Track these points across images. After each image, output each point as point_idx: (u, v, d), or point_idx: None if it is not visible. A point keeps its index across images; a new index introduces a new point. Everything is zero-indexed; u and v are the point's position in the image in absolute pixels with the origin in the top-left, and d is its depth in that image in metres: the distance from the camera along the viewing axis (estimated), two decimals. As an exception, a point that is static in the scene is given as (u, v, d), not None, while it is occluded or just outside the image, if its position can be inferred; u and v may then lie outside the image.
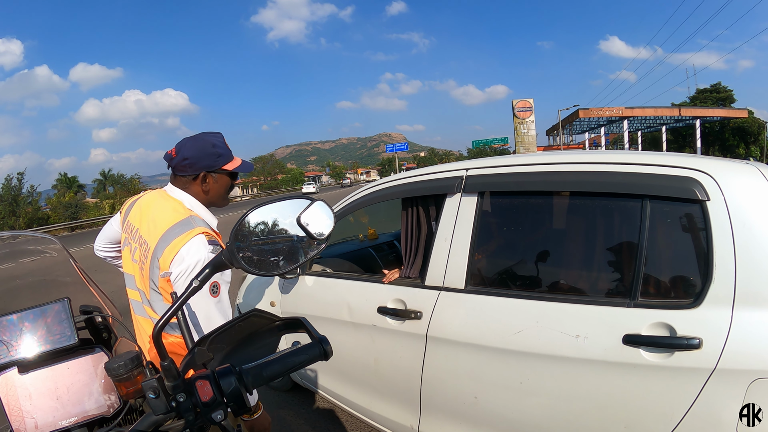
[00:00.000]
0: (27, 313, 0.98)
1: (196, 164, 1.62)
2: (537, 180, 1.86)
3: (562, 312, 1.68)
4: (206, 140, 1.66)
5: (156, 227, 1.53)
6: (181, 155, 1.62)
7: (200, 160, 1.62)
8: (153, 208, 1.62)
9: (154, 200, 1.67)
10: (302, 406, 3.37)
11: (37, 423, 0.94)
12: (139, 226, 1.61)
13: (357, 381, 2.52)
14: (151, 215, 1.59)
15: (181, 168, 1.63)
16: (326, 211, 0.88)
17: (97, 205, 42.48)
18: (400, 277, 2.30)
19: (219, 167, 1.66)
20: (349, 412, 2.71)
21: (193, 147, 1.63)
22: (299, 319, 0.97)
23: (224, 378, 0.81)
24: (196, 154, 1.62)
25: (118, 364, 0.82)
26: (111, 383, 0.99)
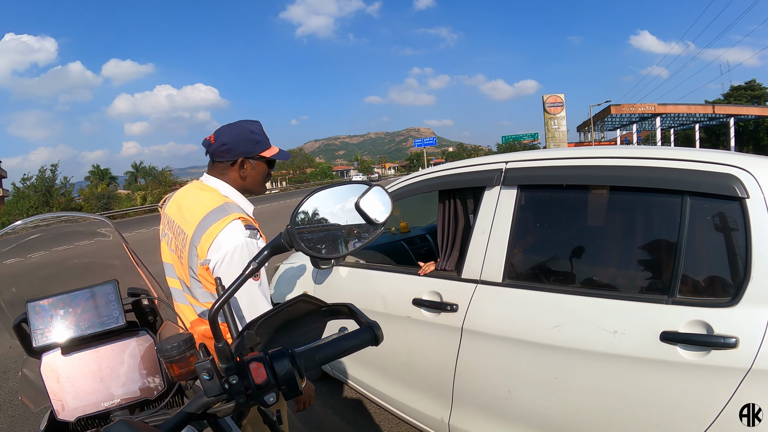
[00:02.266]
0: (75, 294, 0.98)
1: (234, 150, 1.64)
2: (577, 174, 1.85)
3: (600, 307, 1.67)
4: (245, 127, 1.68)
5: (192, 216, 1.55)
6: (220, 141, 1.64)
7: (238, 146, 1.64)
8: (189, 198, 1.66)
9: (190, 191, 1.70)
10: (330, 396, 3.40)
11: (79, 404, 0.95)
12: (175, 217, 1.64)
13: (388, 372, 2.53)
14: (187, 205, 1.62)
15: (219, 154, 1.65)
16: (384, 196, 0.88)
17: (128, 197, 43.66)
18: (436, 269, 2.30)
19: (256, 154, 1.68)
20: (377, 404, 2.73)
21: (231, 133, 1.65)
22: (347, 305, 0.97)
23: (278, 361, 0.81)
24: (235, 140, 1.64)
25: (171, 345, 0.83)
26: (155, 366, 1.00)
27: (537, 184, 1.96)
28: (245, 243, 1.47)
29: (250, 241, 1.48)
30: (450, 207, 2.31)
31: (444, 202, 2.35)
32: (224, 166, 1.67)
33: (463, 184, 2.24)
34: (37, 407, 1.06)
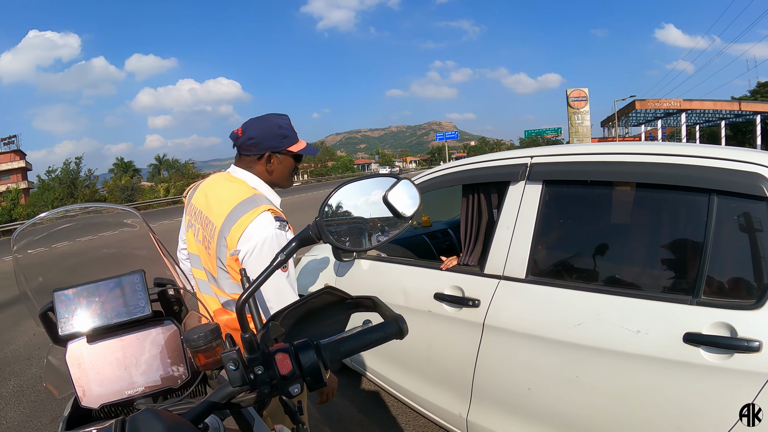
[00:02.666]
0: (102, 284, 0.98)
1: (262, 144, 1.65)
2: (603, 170, 1.82)
3: (624, 306, 1.65)
4: (272, 121, 1.68)
5: (221, 207, 1.57)
6: (247, 135, 1.65)
7: (265, 140, 1.65)
8: (217, 189, 1.66)
9: (218, 182, 1.71)
10: (349, 388, 3.43)
11: (103, 392, 0.96)
12: (202, 208, 1.65)
13: (408, 366, 2.53)
14: (216, 196, 1.63)
15: (246, 147, 1.66)
16: (412, 190, 0.87)
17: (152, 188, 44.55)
18: (458, 264, 2.29)
19: (284, 148, 1.68)
20: (395, 397, 2.74)
21: (259, 127, 1.66)
22: (371, 298, 0.97)
23: (303, 352, 0.80)
24: (262, 134, 1.65)
25: (197, 335, 0.83)
26: (180, 355, 1.00)
27: (562, 179, 1.93)
28: (275, 234, 1.48)
29: (279, 232, 1.49)
30: (474, 201, 2.29)
31: (468, 197, 2.33)
32: (251, 159, 1.68)
33: (488, 179, 2.22)
34: (61, 394, 1.07)
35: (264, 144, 1.65)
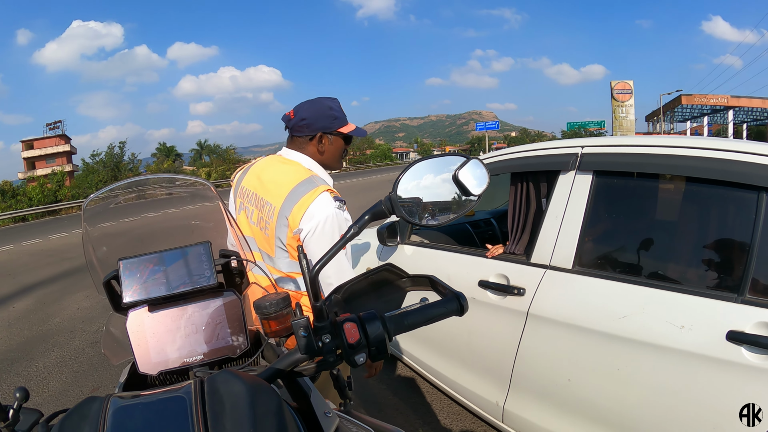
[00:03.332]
0: (168, 253, 1.01)
1: (313, 125, 1.70)
2: (654, 162, 1.79)
3: (669, 301, 1.63)
4: (323, 103, 1.74)
5: (279, 188, 1.62)
6: (299, 116, 1.71)
7: (317, 120, 1.70)
8: (272, 171, 1.72)
9: (271, 164, 1.76)
10: (385, 372, 3.48)
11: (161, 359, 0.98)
12: (256, 190, 1.71)
13: (447, 352, 2.56)
14: (272, 177, 1.69)
15: (298, 128, 1.72)
16: (481, 169, 0.88)
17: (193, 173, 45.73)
18: (504, 252, 2.29)
19: (334, 129, 1.74)
20: (430, 382, 2.76)
21: (310, 108, 1.72)
22: (428, 277, 0.99)
23: (370, 323, 0.83)
24: (314, 115, 1.71)
25: (269, 302, 0.87)
26: (240, 326, 1.02)
27: (613, 170, 1.91)
28: (335, 213, 1.54)
29: (338, 212, 1.55)
30: (522, 190, 2.29)
31: (516, 185, 2.33)
32: (303, 140, 1.74)
33: (537, 167, 2.21)
34: (118, 361, 1.11)
35: (316, 125, 1.71)
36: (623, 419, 1.72)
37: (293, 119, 1.72)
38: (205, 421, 0.59)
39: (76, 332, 5.34)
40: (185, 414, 0.61)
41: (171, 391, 0.67)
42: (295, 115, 1.72)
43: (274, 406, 0.65)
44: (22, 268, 10.50)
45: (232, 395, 0.63)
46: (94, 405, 0.63)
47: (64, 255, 11.67)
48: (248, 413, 0.60)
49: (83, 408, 0.63)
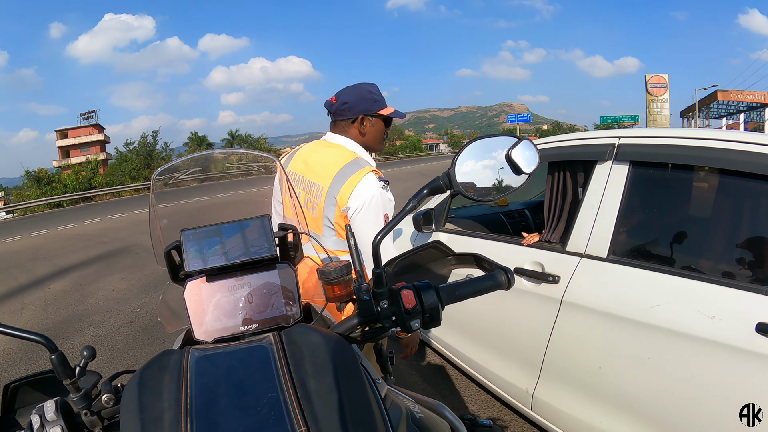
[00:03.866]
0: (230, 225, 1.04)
1: (355, 108, 1.80)
2: (690, 154, 1.80)
3: (701, 291, 1.65)
4: (363, 87, 1.83)
5: (325, 170, 1.71)
6: (341, 100, 1.81)
7: (358, 103, 1.80)
8: (318, 155, 1.81)
9: (316, 149, 1.85)
10: (414, 357, 3.53)
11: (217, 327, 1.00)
12: (303, 173, 1.80)
13: (478, 338, 2.60)
14: (318, 160, 1.78)
15: (340, 112, 1.81)
16: (532, 149, 0.93)
17: (224, 161, 46.62)
18: (540, 240, 2.32)
19: (375, 111, 1.82)
20: (460, 368, 2.81)
21: (351, 93, 1.81)
22: (474, 255, 1.03)
23: (425, 291, 0.88)
24: (355, 99, 1.80)
25: (333, 269, 0.93)
26: (294, 296, 1.05)
27: (649, 161, 1.93)
28: (380, 193, 1.64)
29: (383, 191, 1.65)
30: (559, 179, 2.32)
31: (553, 174, 2.36)
32: (345, 123, 1.83)
33: (574, 157, 2.24)
34: (173, 329, 1.16)
35: (357, 107, 1.79)
36: (652, 408, 1.73)
37: (335, 104, 1.82)
38: (287, 366, 0.65)
39: (111, 312, 5.51)
40: (268, 360, 0.66)
41: (250, 342, 0.73)
42: (337, 100, 1.82)
43: (351, 355, 0.70)
44: (58, 251, 10.81)
45: (311, 344, 0.68)
46: (174, 356, 0.68)
47: (99, 239, 11.99)
48: (329, 359, 0.65)
49: (162, 359, 0.67)
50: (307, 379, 0.64)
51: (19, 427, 0.91)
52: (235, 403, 0.61)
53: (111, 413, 0.79)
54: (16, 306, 6.28)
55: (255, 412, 0.60)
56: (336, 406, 0.61)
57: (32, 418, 0.73)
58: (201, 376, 0.64)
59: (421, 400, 0.97)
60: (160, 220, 1.21)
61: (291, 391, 0.62)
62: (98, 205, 25.86)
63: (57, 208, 26.77)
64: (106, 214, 17.99)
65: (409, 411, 0.88)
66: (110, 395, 0.78)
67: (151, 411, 0.60)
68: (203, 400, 0.61)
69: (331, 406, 0.61)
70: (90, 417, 0.78)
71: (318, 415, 0.60)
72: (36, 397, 0.94)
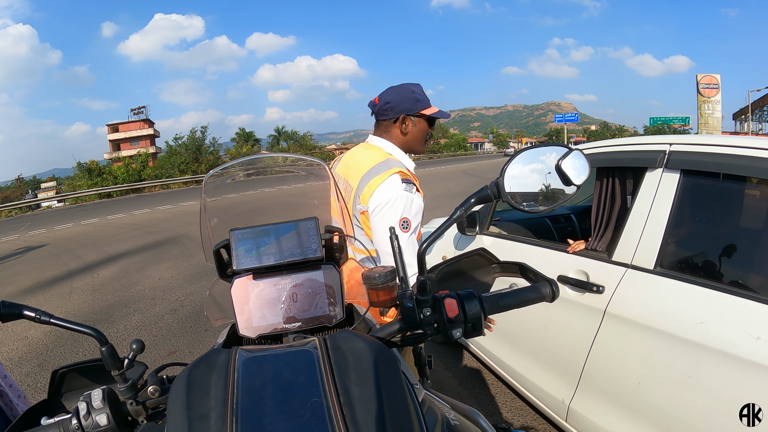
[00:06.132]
0: (278, 227, 1.07)
1: (397, 107, 1.81)
2: (745, 165, 1.72)
3: (747, 310, 1.58)
4: (406, 87, 1.84)
5: (358, 170, 1.75)
6: (384, 100, 1.83)
7: (400, 103, 1.81)
8: (356, 157, 1.84)
9: (358, 151, 1.88)
10: (452, 360, 3.52)
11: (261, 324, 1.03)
12: (343, 174, 1.84)
13: (519, 345, 2.57)
14: (354, 162, 1.82)
15: (383, 112, 1.83)
16: (583, 160, 0.91)
17: (271, 157, 47.92)
18: (585, 248, 2.28)
19: (417, 111, 1.83)
20: (496, 374, 2.79)
21: (394, 92, 1.83)
22: (518, 264, 1.02)
23: (468, 301, 0.88)
24: (397, 98, 1.81)
25: (378, 274, 0.93)
26: (338, 297, 1.07)
27: (701, 170, 1.86)
28: (400, 195, 1.64)
29: (405, 194, 1.65)
30: (607, 186, 2.27)
31: (602, 180, 2.30)
32: (388, 123, 1.85)
33: (624, 163, 2.17)
34: (218, 324, 1.20)
35: (399, 107, 1.81)
36: (691, 427, 1.68)
37: (378, 104, 1.84)
38: (331, 372, 0.66)
39: (156, 300, 5.69)
40: (313, 365, 0.67)
41: (295, 346, 0.74)
42: (380, 100, 1.84)
43: (393, 363, 0.70)
44: (107, 239, 11.26)
45: (355, 351, 0.69)
46: (222, 356, 0.69)
47: (148, 229, 12.40)
48: (371, 366, 0.66)
49: (210, 358, 0.69)
50: (350, 385, 0.65)
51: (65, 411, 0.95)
52: (280, 405, 0.62)
53: (156, 404, 0.81)
54: (65, 290, 6.55)
55: (298, 415, 0.61)
56: (377, 413, 0.62)
57: (79, 405, 0.76)
58: (247, 376, 0.65)
59: (457, 407, 0.97)
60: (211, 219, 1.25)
61: (334, 397, 0.63)
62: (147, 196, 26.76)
63: (107, 198, 27.87)
64: (155, 205, 18.60)
65: (445, 417, 0.88)
66: (156, 387, 0.80)
67: (197, 408, 0.62)
68: (249, 400, 0.62)
69: (373, 413, 0.62)
70: (135, 406, 0.80)
71: (359, 422, 0.60)
72: (82, 382, 0.98)
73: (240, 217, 1.38)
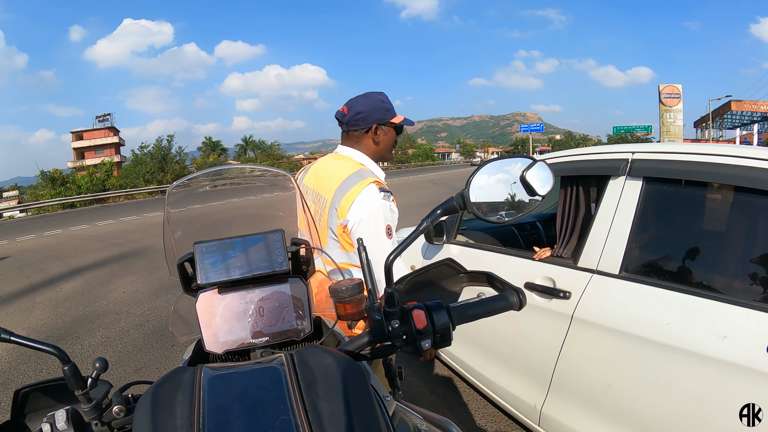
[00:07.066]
0: (243, 239, 1.05)
1: (369, 117, 1.80)
2: (706, 171, 1.77)
3: (712, 310, 1.62)
4: (375, 96, 1.84)
5: (331, 181, 1.72)
6: (354, 110, 1.81)
7: (372, 113, 1.80)
8: (327, 167, 1.82)
9: (327, 162, 1.87)
10: (424, 369, 3.52)
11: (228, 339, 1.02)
12: (313, 186, 1.81)
13: (489, 352, 2.59)
14: (325, 173, 1.80)
15: (354, 122, 1.81)
16: (547, 171, 0.92)
17: (238, 167, 47.37)
18: (551, 255, 2.31)
19: (388, 120, 1.83)
20: (468, 381, 2.80)
21: (364, 102, 1.82)
22: (486, 273, 1.03)
23: (436, 311, 0.89)
24: (368, 108, 1.80)
25: (345, 287, 0.93)
26: (305, 310, 1.06)
27: (663, 177, 1.91)
28: (380, 204, 1.63)
29: (384, 202, 1.64)
30: (572, 194, 2.31)
31: (566, 189, 2.34)
32: (359, 134, 1.83)
33: (588, 172, 2.22)
34: (184, 339, 1.17)
35: (371, 117, 1.80)
36: (661, 427, 1.71)
37: (348, 114, 1.82)
38: (299, 389, 0.65)
39: (121, 314, 5.55)
40: (280, 382, 0.67)
41: (262, 362, 0.73)
42: (349, 110, 1.82)
43: (362, 377, 0.70)
44: (71, 251, 10.93)
45: (323, 366, 0.69)
46: (186, 374, 0.68)
47: (112, 241, 12.11)
48: (339, 382, 0.66)
49: (175, 377, 0.68)
50: (319, 402, 0.64)
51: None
52: (247, 424, 0.61)
53: (121, 424, 0.79)
54: (28, 305, 6.35)
55: None
56: (346, 429, 0.61)
57: (43, 426, 0.74)
58: (213, 395, 0.64)
59: (429, 417, 0.97)
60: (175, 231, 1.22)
61: (302, 414, 0.62)
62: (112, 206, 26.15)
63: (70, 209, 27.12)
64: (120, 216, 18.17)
65: (417, 429, 0.88)
66: (121, 407, 0.79)
67: (163, 429, 0.60)
68: (215, 420, 0.61)
69: (342, 429, 0.61)
70: (101, 427, 0.78)
71: None
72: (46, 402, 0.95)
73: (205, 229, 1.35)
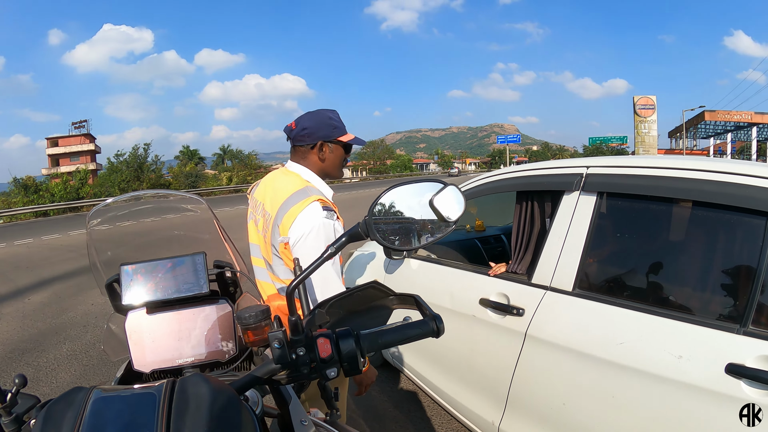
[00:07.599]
0: (166, 262, 1.07)
1: (315, 134, 1.77)
2: (660, 185, 1.75)
3: (668, 329, 1.59)
4: (323, 114, 1.81)
5: (276, 198, 1.70)
6: (301, 126, 1.78)
7: (318, 130, 1.78)
8: (275, 182, 1.79)
9: (277, 176, 1.84)
10: (388, 383, 3.49)
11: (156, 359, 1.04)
12: (262, 200, 1.79)
13: (448, 368, 2.56)
14: (273, 188, 1.77)
15: (300, 138, 1.79)
16: (458, 196, 0.91)
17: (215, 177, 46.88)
18: (506, 271, 2.29)
19: (335, 138, 1.80)
20: (431, 397, 2.77)
21: (311, 119, 1.79)
22: (413, 296, 1.01)
23: (343, 339, 0.87)
24: (314, 125, 1.78)
25: (249, 314, 0.90)
26: (230, 332, 1.08)
27: (617, 192, 1.88)
28: (322, 223, 1.59)
29: (326, 222, 1.60)
30: (527, 209, 2.29)
31: (521, 204, 2.33)
32: (305, 150, 1.81)
33: (542, 187, 2.20)
34: (116, 357, 1.18)
35: (317, 133, 1.77)
36: None
37: (295, 129, 1.79)
38: (168, 417, 0.63)
39: (88, 327, 5.46)
40: (153, 409, 0.65)
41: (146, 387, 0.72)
42: (296, 126, 1.79)
43: (233, 412, 0.68)
44: (41, 261, 10.73)
45: (197, 397, 0.67)
46: (80, 394, 0.67)
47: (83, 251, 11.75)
48: (206, 415, 0.64)
49: (69, 396, 0.67)
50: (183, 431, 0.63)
51: None
52: None
53: None
54: (-6, 316, 6.16)
55: None
56: None
57: None
58: (93, 416, 0.64)
59: None
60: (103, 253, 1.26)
61: None
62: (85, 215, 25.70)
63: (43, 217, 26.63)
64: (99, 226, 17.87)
65: None
66: None
67: None
68: None
69: None
70: None
71: None
72: None
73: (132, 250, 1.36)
